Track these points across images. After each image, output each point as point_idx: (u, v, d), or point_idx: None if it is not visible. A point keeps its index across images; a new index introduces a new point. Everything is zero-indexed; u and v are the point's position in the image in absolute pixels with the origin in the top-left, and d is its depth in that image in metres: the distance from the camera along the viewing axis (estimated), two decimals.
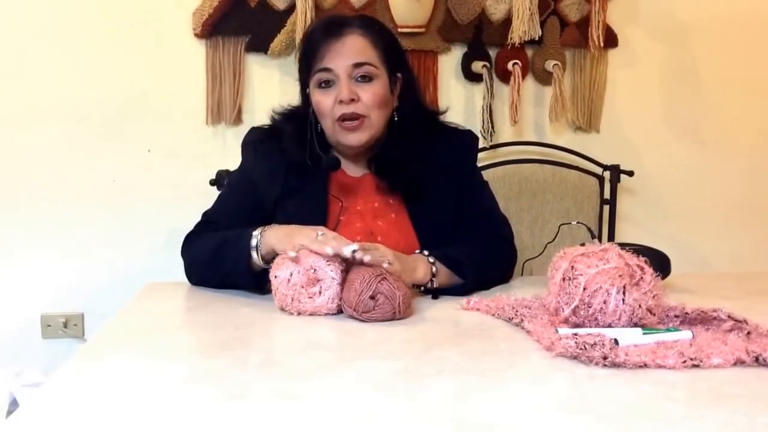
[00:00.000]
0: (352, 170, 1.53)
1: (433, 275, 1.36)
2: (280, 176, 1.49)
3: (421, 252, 1.39)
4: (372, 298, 1.17)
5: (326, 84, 1.43)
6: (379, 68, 1.43)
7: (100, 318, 2.11)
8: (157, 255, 2.18)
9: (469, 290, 1.37)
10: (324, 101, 1.43)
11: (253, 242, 1.33)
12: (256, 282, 1.35)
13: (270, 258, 1.31)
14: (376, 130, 1.46)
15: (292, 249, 1.24)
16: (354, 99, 1.41)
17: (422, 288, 1.37)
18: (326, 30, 1.43)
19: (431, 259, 1.37)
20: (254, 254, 1.33)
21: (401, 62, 1.51)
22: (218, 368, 0.96)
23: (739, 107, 2.38)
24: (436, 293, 1.36)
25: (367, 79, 1.42)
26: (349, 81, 1.41)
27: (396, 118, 1.50)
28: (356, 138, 1.45)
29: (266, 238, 1.32)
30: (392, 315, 1.18)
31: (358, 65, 1.41)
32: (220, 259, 1.38)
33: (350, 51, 1.41)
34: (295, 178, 1.49)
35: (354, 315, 1.18)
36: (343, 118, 1.43)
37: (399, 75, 1.49)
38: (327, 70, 1.42)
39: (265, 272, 1.30)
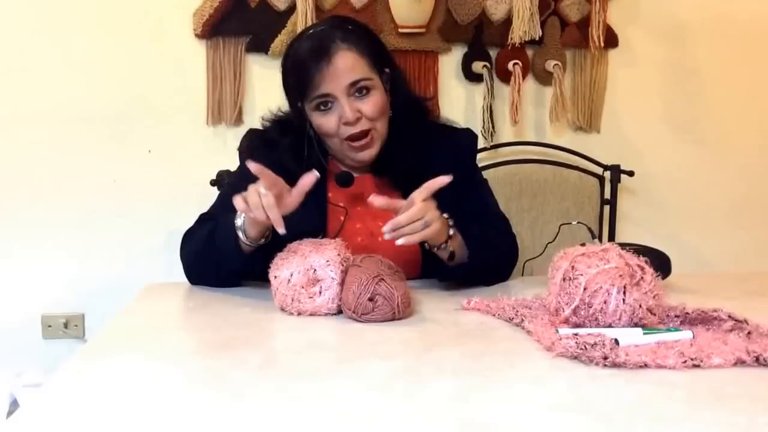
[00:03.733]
0: (352, 170, 1.53)
1: (449, 237, 1.34)
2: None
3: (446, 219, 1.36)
4: (370, 299, 1.17)
5: (325, 106, 1.43)
6: (373, 77, 1.43)
7: (100, 318, 2.11)
8: (157, 255, 2.18)
9: (471, 271, 1.36)
10: (327, 124, 1.43)
11: (238, 222, 1.33)
12: (248, 263, 1.35)
13: (256, 235, 1.31)
14: (383, 137, 1.47)
15: (241, 206, 1.24)
16: (358, 117, 1.41)
17: (436, 248, 1.34)
18: (313, 55, 1.40)
19: (451, 222, 1.35)
20: (240, 234, 1.33)
21: (386, 57, 1.50)
22: (218, 369, 0.96)
23: (739, 107, 2.38)
24: (450, 256, 1.35)
25: (365, 92, 1.42)
26: (348, 99, 1.41)
27: (391, 113, 1.50)
28: (368, 154, 1.46)
29: (248, 218, 1.31)
30: (391, 315, 1.18)
31: (355, 83, 1.40)
32: (210, 245, 1.39)
33: (344, 71, 1.39)
34: (292, 182, 1.48)
35: (353, 317, 1.18)
36: (352, 138, 1.43)
37: (387, 70, 1.49)
38: (325, 95, 1.41)
39: (258, 251, 1.31)
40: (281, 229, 1.21)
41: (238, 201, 1.24)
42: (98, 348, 1.09)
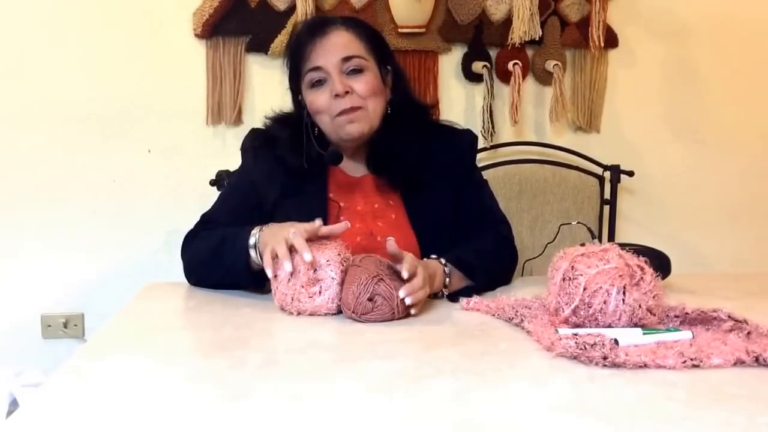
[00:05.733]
0: (352, 170, 1.53)
1: (447, 276, 1.34)
2: (279, 178, 1.50)
3: (437, 258, 1.36)
4: (370, 299, 1.17)
5: (318, 83, 1.44)
6: (368, 59, 1.45)
7: (100, 318, 2.11)
8: (157, 255, 2.19)
9: (476, 292, 1.36)
10: (319, 99, 1.44)
11: (251, 241, 1.32)
12: (255, 281, 1.35)
13: None
14: (374, 119, 1.46)
15: (271, 254, 1.23)
16: (348, 91, 1.42)
17: (440, 294, 1.35)
18: (310, 30, 1.44)
19: (443, 261, 1.35)
20: (252, 253, 1.33)
21: (388, 55, 1.52)
22: (218, 368, 0.96)
23: (739, 107, 2.38)
24: (451, 297, 1.35)
25: (357, 71, 1.43)
26: (340, 76, 1.42)
27: (389, 111, 1.50)
28: (356, 128, 1.45)
29: (264, 236, 1.32)
30: (391, 316, 1.18)
31: (347, 59, 1.42)
32: (218, 258, 1.38)
33: (337, 46, 1.42)
34: (294, 181, 1.49)
35: (353, 317, 1.18)
36: (342, 112, 1.43)
37: (389, 67, 1.50)
38: (317, 69, 1.42)
39: (264, 271, 1.30)
40: (308, 256, 1.20)
41: (267, 257, 1.24)
42: (98, 348, 1.09)
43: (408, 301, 1.18)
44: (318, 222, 1.25)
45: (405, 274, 1.18)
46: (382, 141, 1.49)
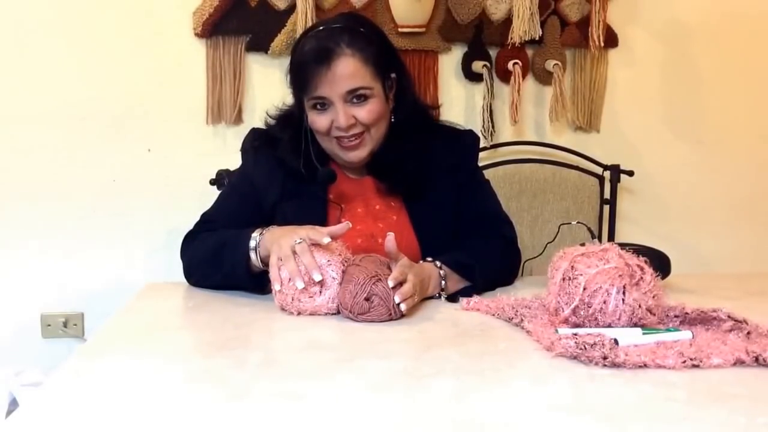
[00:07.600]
0: (352, 173, 1.53)
1: (443, 279, 1.34)
2: (279, 179, 1.49)
3: (433, 261, 1.36)
4: (367, 299, 1.17)
5: (321, 106, 1.42)
6: (374, 86, 1.41)
7: (100, 318, 2.11)
8: (157, 255, 2.18)
9: (477, 292, 1.35)
10: (319, 122, 1.42)
11: (252, 244, 1.32)
12: (256, 283, 1.35)
13: (268, 260, 1.31)
14: (376, 142, 1.46)
15: (278, 267, 1.24)
16: (352, 123, 1.40)
17: (437, 296, 1.35)
18: (316, 58, 1.38)
19: (438, 263, 1.35)
20: (253, 256, 1.33)
21: (393, 62, 1.48)
22: (218, 368, 0.96)
23: (739, 107, 2.38)
24: (450, 297, 1.35)
25: (362, 98, 1.40)
26: (344, 105, 1.39)
27: (392, 119, 1.49)
28: (356, 155, 1.44)
29: (265, 240, 1.32)
30: (388, 316, 1.17)
31: (353, 91, 1.39)
32: (218, 261, 1.38)
33: (342, 78, 1.37)
34: (294, 182, 1.49)
35: (350, 316, 1.18)
36: (342, 139, 1.42)
37: (393, 76, 1.47)
38: (322, 98, 1.40)
39: (265, 273, 1.30)
40: (318, 276, 1.21)
41: (275, 272, 1.24)
42: (97, 347, 1.09)
43: (402, 307, 1.18)
44: (326, 240, 1.24)
45: (391, 283, 1.18)
46: (383, 150, 1.48)
